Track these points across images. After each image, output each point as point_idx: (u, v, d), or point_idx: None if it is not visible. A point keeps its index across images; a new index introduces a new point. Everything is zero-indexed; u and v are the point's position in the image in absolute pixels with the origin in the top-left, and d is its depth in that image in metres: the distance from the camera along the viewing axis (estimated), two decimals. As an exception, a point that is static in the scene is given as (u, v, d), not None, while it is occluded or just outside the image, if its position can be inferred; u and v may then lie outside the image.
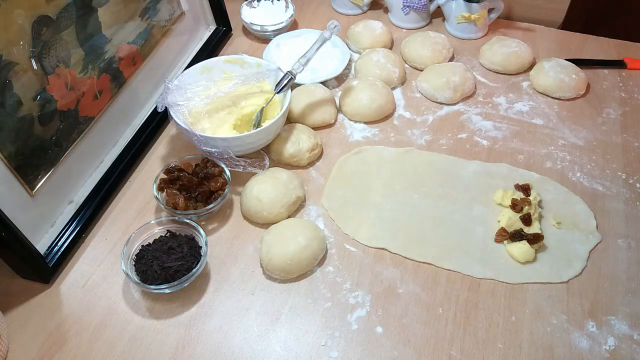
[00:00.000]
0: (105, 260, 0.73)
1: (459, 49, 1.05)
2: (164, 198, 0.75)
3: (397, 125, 0.91)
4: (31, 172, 0.69)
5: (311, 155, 0.83)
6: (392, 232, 0.75)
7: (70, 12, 0.70)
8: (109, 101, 0.81)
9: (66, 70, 0.72)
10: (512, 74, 0.99)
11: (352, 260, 0.73)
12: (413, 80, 0.98)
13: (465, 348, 0.64)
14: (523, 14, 1.14)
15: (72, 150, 0.75)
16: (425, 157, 0.85)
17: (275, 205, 0.74)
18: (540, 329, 0.66)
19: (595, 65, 1.00)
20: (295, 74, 0.83)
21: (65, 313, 0.68)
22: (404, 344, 0.65)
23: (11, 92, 0.64)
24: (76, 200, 0.78)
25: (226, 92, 0.84)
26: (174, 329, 0.66)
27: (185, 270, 0.68)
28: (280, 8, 1.08)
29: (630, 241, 0.74)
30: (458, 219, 0.77)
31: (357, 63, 0.99)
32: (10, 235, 0.64)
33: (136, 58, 0.85)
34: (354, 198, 0.79)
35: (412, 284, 0.70)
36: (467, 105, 0.94)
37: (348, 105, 0.91)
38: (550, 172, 0.83)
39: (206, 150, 0.77)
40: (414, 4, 1.06)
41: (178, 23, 0.95)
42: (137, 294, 0.70)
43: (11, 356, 0.64)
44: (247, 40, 1.08)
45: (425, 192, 0.80)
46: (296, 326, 0.66)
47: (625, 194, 0.80)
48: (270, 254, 0.69)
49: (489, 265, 0.72)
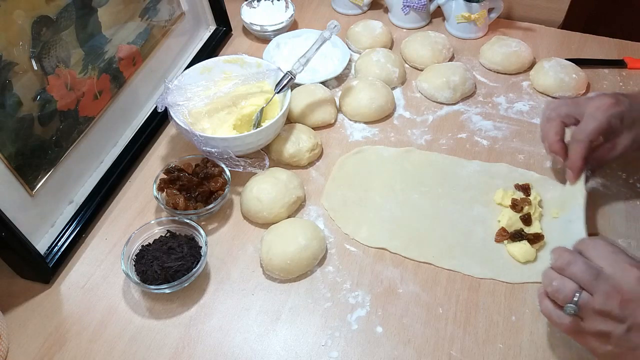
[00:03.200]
0: (105, 260, 0.73)
1: (459, 49, 1.05)
2: (164, 198, 0.75)
3: (397, 125, 0.91)
4: (31, 172, 0.69)
5: (311, 155, 0.83)
6: (392, 232, 0.75)
7: (70, 12, 0.71)
8: (109, 101, 0.81)
9: (66, 71, 0.72)
10: (512, 73, 0.99)
11: (352, 260, 0.73)
12: (413, 80, 0.98)
13: (465, 348, 0.64)
14: (523, 13, 1.14)
15: (72, 150, 0.75)
16: (425, 157, 0.85)
17: (275, 205, 0.74)
18: (540, 329, 0.66)
19: (595, 64, 1.00)
20: (295, 74, 0.83)
21: (65, 313, 0.68)
22: (404, 344, 0.65)
23: (11, 93, 0.64)
24: (76, 200, 0.78)
25: (226, 92, 0.84)
26: (174, 329, 0.66)
27: (185, 270, 0.68)
28: (280, 8, 1.08)
29: (631, 241, 0.74)
30: (458, 219, 0.77)
31: (357, 63, 0.99)
32: (10, 235, 0.64)
33: (136, 58, 0.85)
34: (354, 198, 0.79)
35: (412, 283, 0.70)
36: (467, 105, 0.94)
37: (348, 105, 0.91)
38: (550, 172, 0.83)
39: (206, 150, 0.77)
40: (414, 3, 1.06)
41: (178, 23, 0.95)
42: (137, 294, 0.70)
43: (11, 356, 0.64)
44: (247, 40, 1.08)
45: (425, 192, 0.80)
46: (296, 326, 0.67)
47: (625, 193, 0.80)
48: (270, 254, 0.69)
49: (489, 265, 0.72)
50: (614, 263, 0.55)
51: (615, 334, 0.53)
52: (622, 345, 0.53)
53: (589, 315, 0.54)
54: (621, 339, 0.53)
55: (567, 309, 0.55)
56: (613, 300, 0.53)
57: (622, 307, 0.52)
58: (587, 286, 0.54)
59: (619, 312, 0.52)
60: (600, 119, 0.70)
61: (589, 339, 0.56)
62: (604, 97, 0.71)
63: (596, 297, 0.53)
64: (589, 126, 0.70)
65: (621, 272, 0.54)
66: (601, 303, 0.53)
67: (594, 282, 0.54)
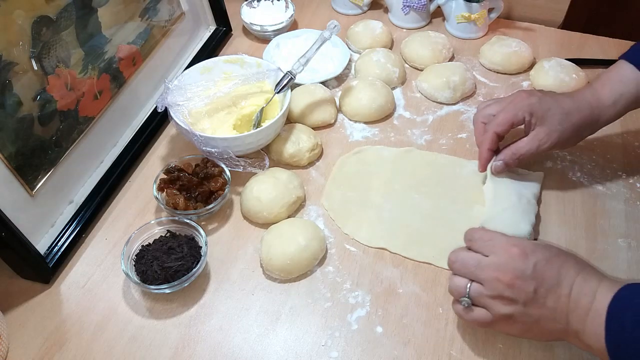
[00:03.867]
0: (105, 260, 0.73)
1: (459, 49, 1.05)
2: (164, 198, 0.75)
3: (397, 125, 0.91)
4: (31, 172, 0.69)
5: (311, 155, 0.83)
6: (392, 232, 0.75)
7: (70, 12, 0.71)
8: (109, 101, 0.81)
9: (66, 71, 0.72)
10: (512, 73, 0.99)
11: (352, 260, 0.73)
12: (413, 80, 0.98)
13: (465, 348, 0.64)
14: (523, 13, 1.14)
15: (72, 151, 0.75)
16: (425, 157, 0.85)
17: (275, 205, 0.74)
18: (541, 329, 0.66)
19: (595, 64, 1.00)
20: (295, 74, 0.83)
21: (65, 313, 0.68)
22: (404, 344, 0.65)
23: (11, 93, 0.64)
24: (76, 200, 0.78)
25: (226, 92, 0.84)
26: (174, 329, 0.66)
27: (185, 270, 0.68)
28: (280, 8, 1.09)
29: (631, 241, 0.74)
30: (458, 219, 0.76)
31: (357, 63, 0.99)
32: (10, 235, 0.64)
33: (136, 58, 0.85)
34: (354, 198, 0.79)
35: (412, 283, 0.70)
36: (467, 105, 0.94)
37: (348, 105, 0.91)
38: (550, 172, 0.83)
39: (206, 150, 0.77)
40: (414, 3, 1.06)
41: (178, 23, 0.95)
42: (137, 294, 0.70)
43: (11, 356, 0.64)
44: (247, 40, 1.08)
45: (425, 192, 0.80)
46: (296, 326, 0.66)
47: (625, 193, 0.80)
48: (270, 254, 0.69)
49: (489, 265, 0.72)
50: (492, 248, 0.58)
51: (516, 313, 0.56)
52: (526, 321, 0.56)
53: (486, 302, 0.57)
54: (523, 316, 0.56)
55: (462, 302, 0.58)
56: (499, 284, 0.56)
57: (510, 288, 0.55)
58: (474, 277, 0.58)
59: (510, 294, 0.55)
60: (508, 111, 0.72)
61: (501, 325, 0.58)
62: (519, 92, 0.75)
63: (485, 284, 0.57)
64: (497, 118, 0.73)
65: (500, 254, 0.57)
66: (490, 289, 0.56)
67: (477, 272, 0.57)
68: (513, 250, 0.57)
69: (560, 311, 0.55)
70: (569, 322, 0.54)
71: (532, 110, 0.71)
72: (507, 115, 0.72)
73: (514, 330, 0.58)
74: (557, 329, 0.55)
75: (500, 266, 0.56)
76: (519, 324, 0.57)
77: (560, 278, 0.55)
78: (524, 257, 0.56)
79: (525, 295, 0.55)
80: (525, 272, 0.55)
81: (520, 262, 0.56)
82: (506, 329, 0.59)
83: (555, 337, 0.57)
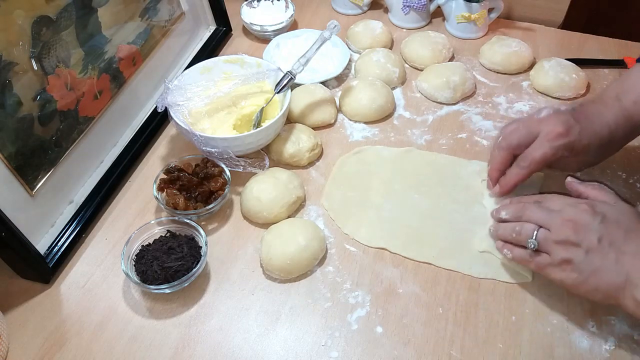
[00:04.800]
0: (105, 260, 0.73)
1: (459, 49, 1.05)
2: (164, 198, 0.75)
3: (397, 125, 0.91)
4: (31, 172, 0.69)
5: (311, 155, 0.83)
6: (392, 232, 0.75)
7: (70, 12, 0.71)
8: (109, 101, 0.81)
9: (66, 71, 0.72)
10: (512, 73, 0.99)
11: (352, 260, 0.73)
12: (413, 80, 0.98)
13: (465, 348, 0.64)
14: (523, 13, 1.14)
15: (72, 150, 0.75)
16: (425, 156, 0.85)
17: (275, 205, 0.74)
18: (540, 329, 0.66)
19: (595, 64, 1.00)
20: (295, 74, 0.83)
21: (65, 313, 0.68)
22: (404, 344, 0.65)
23: (11, 93, 0.64)
24: (76, 200, 0.78)
25: (226, 92, 0.84)
26: (174, 329, 0.66)
27: (185, 270, 0.68)
28: (280, 8, 1.09)
29: (631, 241, 0.74)
30: (458, 219, 0.77)
31: (357, 63, 0.99)
32: (10, 235, 0.64)
33: (136, 58, 0.85)
34: (354, 198, 0.79)
35: (412, 283, 0.70)
36: (467, 105, 0.94)
37: (348, 105, 0.91)
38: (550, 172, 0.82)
39: (206, 150, 0.77)
40: (414, 3, 1.06)
41: (178, 23, 0.95)
42: (137, 294, 0.70)
43: (11, 356, 0.64)
44: (247, 40, 1.08)
45: (425, 192, 0.80)
46: (296, 326, 0.67)
47: (625, 194, 0.80)
48: (270, 254, 0.69)
49: (489, 265, 0.72)
50: (564, 202, 0.63)
51: (577, 259, 0.59)
52: (584, 269, 0.59)
53: (550, 248, 0.61)
54: (582, 263, 0.58)
55: (529, 243, 0.62)
56: (567, 229, 0.59)
57: (576, 232, 0.59)
58: (543, 223, 0.62)
59: (575, 238, 0.59)
60: (547, 150, 0.67)
61: (556, 272, 0.61)
62: (555, 124, 0.67)
63: (552, 230, 0.61)
64: (535, 156, 0.68)
65: (570, 206, 0.62)
66: (557, 233, 0.60)
67: (547, 218, 0.62)
68: (582, 206, 0.61)
69: (621, 265, 0.57)
70: (629, 276, 0.56)
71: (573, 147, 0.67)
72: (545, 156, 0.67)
73: (570, 278, 0.60)
74: (614, 282, 0.57)
75: (569, 214, 0.60)
76: (576, 272, 0.59)
77: (626, 237, 0.58)
78: (592, 212, 0.60)
79: (589, 243, 0.58)
80: (593, 223, 0.59)
81: (588, 215, 0.60)
82: (561, 276, 0.60)
83: (610, 294, 0.58)
